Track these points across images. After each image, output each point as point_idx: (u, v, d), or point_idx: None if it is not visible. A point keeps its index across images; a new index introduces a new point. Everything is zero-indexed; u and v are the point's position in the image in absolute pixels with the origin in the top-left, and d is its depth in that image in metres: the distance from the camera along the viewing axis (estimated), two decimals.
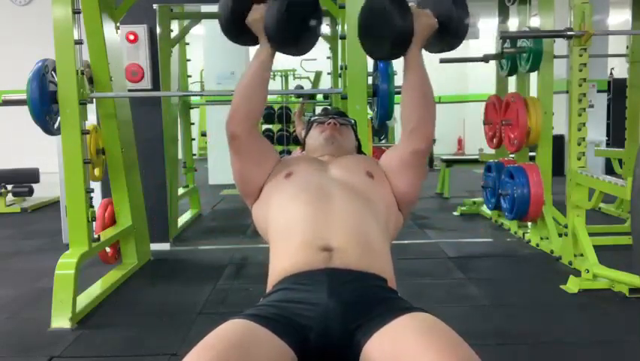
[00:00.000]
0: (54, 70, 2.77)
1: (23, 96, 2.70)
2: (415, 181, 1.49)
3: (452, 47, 1.51)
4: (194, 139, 5.43)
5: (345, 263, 1.24)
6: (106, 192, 3.70)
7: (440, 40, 1.48)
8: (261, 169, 1.49)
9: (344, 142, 1.65)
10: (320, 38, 1.47)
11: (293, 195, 1.40)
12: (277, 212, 1.41)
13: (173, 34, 4.48)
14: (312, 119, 1.75)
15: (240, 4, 1.42)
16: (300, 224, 1.32)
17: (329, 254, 1.25)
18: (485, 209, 4.85)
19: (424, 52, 1.51)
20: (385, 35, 1.41)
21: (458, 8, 1.43)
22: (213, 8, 6.26)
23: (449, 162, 6.31)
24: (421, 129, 1.45)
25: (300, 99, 6.26)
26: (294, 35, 1.41)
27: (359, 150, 1.78)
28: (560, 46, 3.78)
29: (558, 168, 5.46)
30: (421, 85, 1.45)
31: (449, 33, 1.46)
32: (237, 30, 1.46)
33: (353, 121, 1.78)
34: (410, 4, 1.42)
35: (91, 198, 2.87)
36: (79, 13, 2.82)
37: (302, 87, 8.22)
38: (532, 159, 4.01)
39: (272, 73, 8.33)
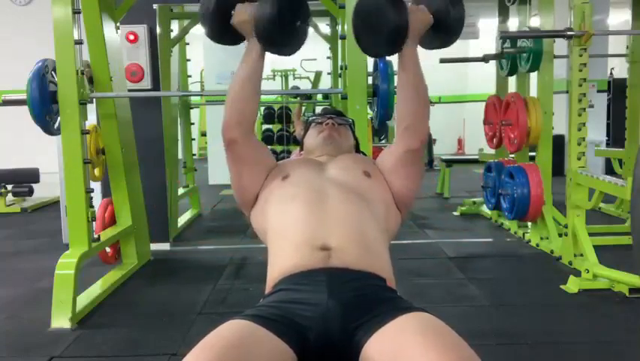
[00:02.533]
0: (54, 70, 2.77)
1: (23, 96, 2.70)
2: (410, 180, 1.48)
3: (447, 43, 1.48)
4: (194, 139, 5.43)
5: (344, 263, 1.24)
6: (106, 192, 3.70)
7: (435, 36, 1.46)
8: (258, 174, 1.49)
9: (342, 142, 1.66)
10: (320, 38, 1.46)
11: (290, 196, 1.40)
12: (275, 213, 1.40)
13: (173, 34, 4.48)
14: (310, 119, 1.75)
15: (224, 4, 1.39)
16: (298, 224, 1.32)
17: (327, 254, 1.25)
18: (485, 209, 4.85)
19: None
20: (380, 31, 1.37)
21: (453, 4, 1.41)
22: None
23: (449, 162, 6.31)
24: (415, 127, 1.43)
25: (298, 98, 6.25)
26: (286, 35, 1.38)
27: (357, 149, 1.78)
28: (560, 46, 3.77)
29: (558, 168, 5.46)
30: (415, 83, 1.42)
31: (444, 29, 1.43)
32: (222, 30, 1.42)
33: (351, 120, 1.78)
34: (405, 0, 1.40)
35: (91, 198, 2.87)
36: (79, 13, 2.83)
37: (298, 87, 8.20)
38: (532, 159, 4.01)
39: (272, 73, 8.38)
